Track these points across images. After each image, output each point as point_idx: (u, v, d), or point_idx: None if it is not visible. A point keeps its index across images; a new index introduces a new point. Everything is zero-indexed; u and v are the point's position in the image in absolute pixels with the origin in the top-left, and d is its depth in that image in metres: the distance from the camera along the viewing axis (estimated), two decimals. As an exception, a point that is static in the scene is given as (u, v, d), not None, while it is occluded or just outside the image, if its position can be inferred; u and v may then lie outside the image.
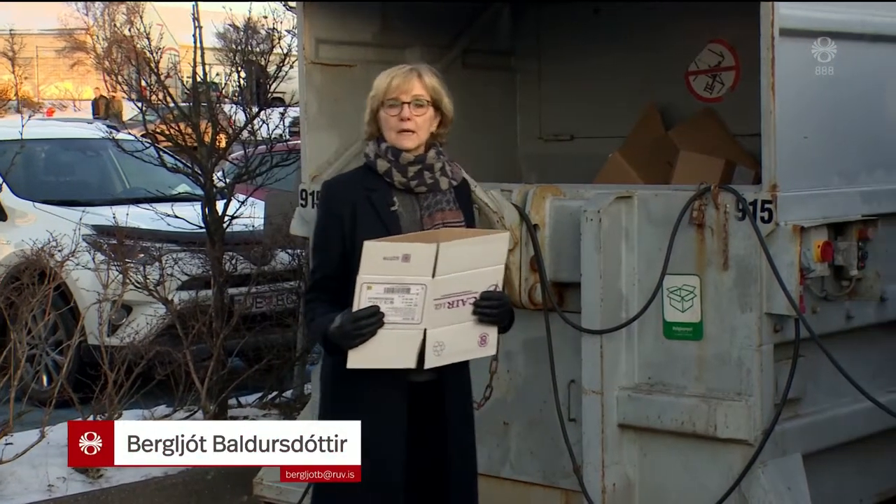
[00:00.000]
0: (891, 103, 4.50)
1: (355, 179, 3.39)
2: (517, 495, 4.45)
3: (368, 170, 3.37)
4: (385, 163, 3.33)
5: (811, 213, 4.00)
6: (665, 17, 5.49)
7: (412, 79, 3.34)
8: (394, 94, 3.31)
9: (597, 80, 5.79)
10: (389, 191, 3.33)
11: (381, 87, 3.35)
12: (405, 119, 3.31)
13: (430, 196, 3.35)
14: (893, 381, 4.52)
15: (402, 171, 3.33)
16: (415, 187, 3.33)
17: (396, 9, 5.34)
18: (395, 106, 3.32)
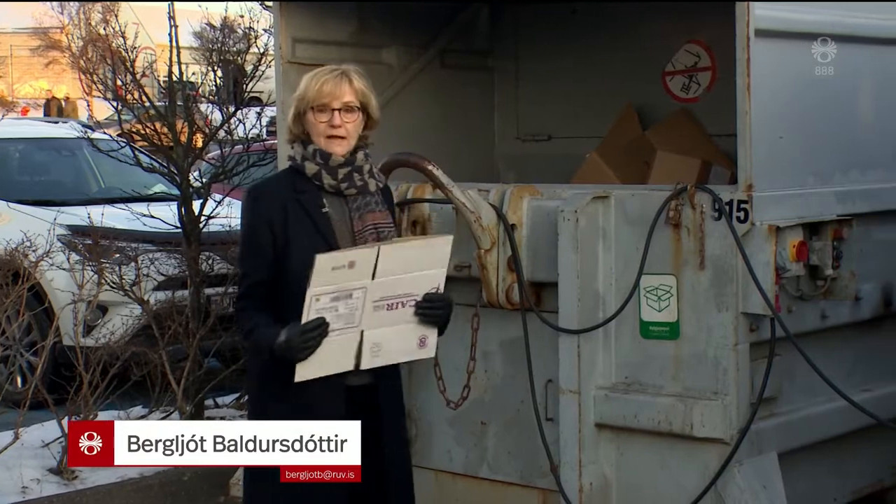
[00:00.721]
0: (864, 104, 4.54)
1: (282, 183, 3.36)
2: (495, 495, 4.45)
3: (295, 172, 3.34)
4: (314, 165, 3.31)
5: (786, 212, 4.03)
6: (642, 17, 5.52)
7: (343, 84, 3.30)
8: (324, 100, 3.28)
9: (574, 81, 5.81)
10: (318, 193, 3.31)
11: (311, 90, 3.30)
12: (336, 126, 3.29)
13: (359, 198, 3.34)
14: (868, 379, 4.56)
15: (332, 174, 3.30)
16: (345, 189, 3.32)
17: (373, 8, 5.34)
18: (324, 111, 3.29)
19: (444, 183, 4.21)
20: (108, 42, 6.96)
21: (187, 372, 6.08)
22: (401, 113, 5.48)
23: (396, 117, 5.45)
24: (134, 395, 6.26)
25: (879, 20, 4.47)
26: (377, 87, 5.36)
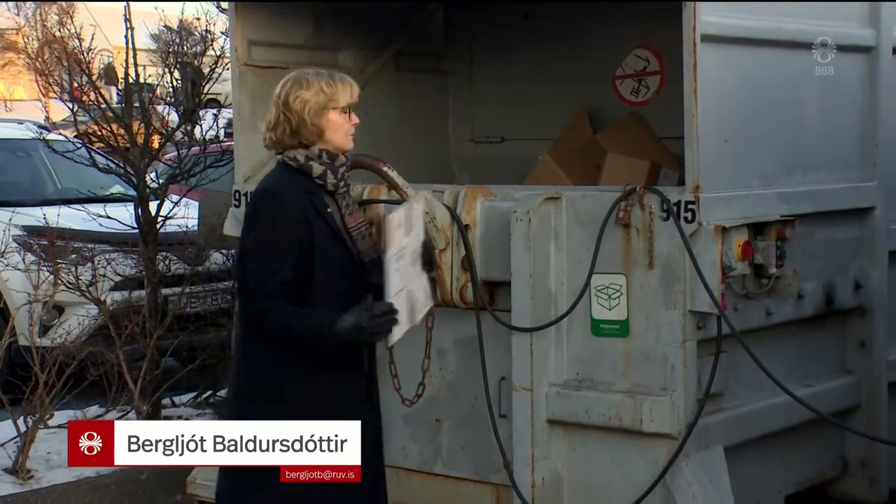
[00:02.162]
0: (807, 108, 4.61)
1: (294, 184, 3.39)
2: (449, 490, 4.47)
3: (298, 173, 3.40)
4: (320, 166, 3.38)
5: (732, 213, 4.08)
6: (593, 22, 5.57)
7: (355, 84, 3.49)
8: (354, 100, 3.46)
9: (527, 84, 5.84)
10: (321, 193, 3.40)
11: (344, 92, 3.43)
12: (355, 123, 3.47)
13: (346, 196, 3.47)
14: (811, 375, 4.63)
15: (335, 174, 3.41)
16: (340, 189, 3.43)
17: (329, 11, 5.34)
18: (346, 111, 3.44)
19: (399, 184, 4.22)
20: (65, 44, 6.90)
21: (144, 371, 6.05)
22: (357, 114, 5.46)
23: (352, 119, 5.45)
24: (90, 394, 6.21)
25: (820, 27, 4.55)
26: (333, 89, 5.42)
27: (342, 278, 3.37)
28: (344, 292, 3.34)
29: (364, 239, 3.44)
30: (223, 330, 6.83)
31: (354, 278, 3.39)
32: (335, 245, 3.37)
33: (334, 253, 3.36)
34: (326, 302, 3.32)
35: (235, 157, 5.09)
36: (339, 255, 3.38)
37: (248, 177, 5.01)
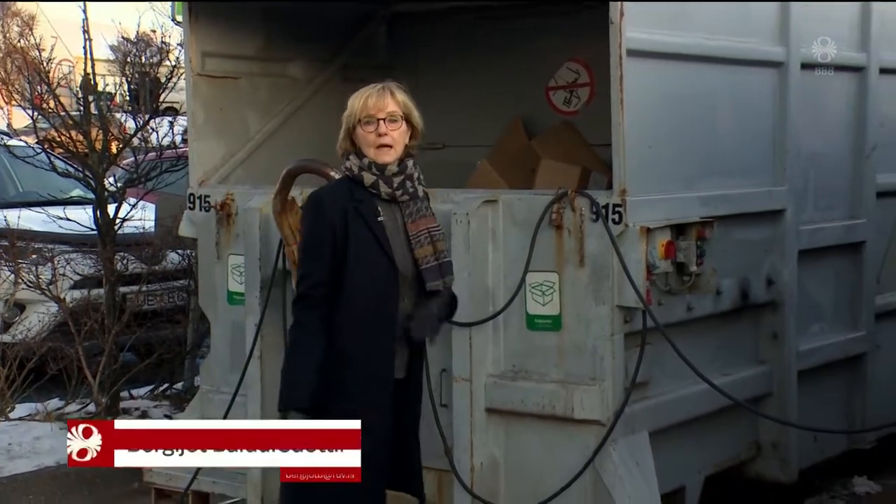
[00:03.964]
0: (724, 117, 4.67)
1: (342, 191, 3.36)
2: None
3: (352, 182, 3.36)
4: (371, 176, 3.34)
5: (656, 215, 4.12)
6: (527, 38, 5.60)
7: (385, 96, 3.36)
8: (370, 112, 3.33)
9: (467, 94, 5.86)
10: (374, 201, 3.34)
11: (357, 105, 3.35)
12: (382, 134, 3.33)
13: (410, 204, 3.38)
14: (728, 364, 4.68)
15: (387, 183, 3.35)
16: (399, 197, 3.36)
17: (278, 25, 5.31)
18: (371, 123, 3.33)
19: (346, 187, 4.20)
20: (26, 54, 6.80)
21: (103, 366, 5.99)
22: (306, 122, 5.46)
23: (302, 127, 5.43)
24: (51, 388, 6.12)
25: (736, 43, 4.61)
26: (283, 98, 5.41)
27: (374, 284, 3.31)
28: (374, 297, 3.30)
29: (423, 246, 3.36)
30: (179, 326, 6.78)
31: (389, 284, 3.33)
32: (373, 251, 3.30)
33: (370, 259, 3.30)
34: (353, 305, 3.28)
35: (190, 162, 5.05)
36: (375, 262, 3.31)
37: (202, 181, 4.97)
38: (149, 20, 8.70)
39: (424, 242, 3.36)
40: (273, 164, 4.73)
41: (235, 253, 4.72)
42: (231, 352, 4.79)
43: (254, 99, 5.26)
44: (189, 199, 4.94)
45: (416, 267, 3.36)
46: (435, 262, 3.37)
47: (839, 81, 5.21)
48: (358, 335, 3.32)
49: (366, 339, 3.32)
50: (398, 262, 3.34)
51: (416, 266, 3.36)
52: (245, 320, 4.58)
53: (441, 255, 3.39)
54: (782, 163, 4.86)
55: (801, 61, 4.88)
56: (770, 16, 4.77)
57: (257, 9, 5.18)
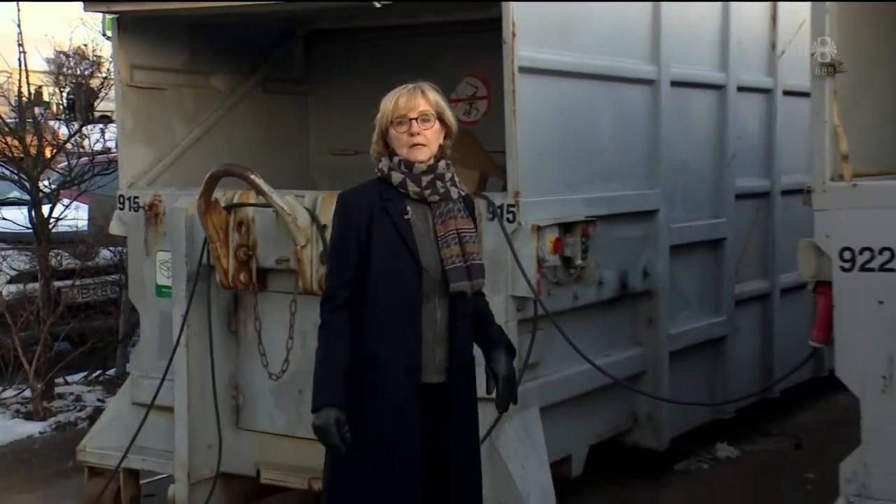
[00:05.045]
0: (604, 128, 4.74)
1: (371, 191, 3.04)
2: (311, 451, 4.38)
3: (382, 182, 3.03)
4: (399, 174, 3.00)
5: (546, 214, 4.15)
6: (431, 55, 5.59)
7: (416, 96, 3.03)
8: (402, 112, 3.00)
9: (378, 104, 5.81)
10: (403, 201, 3.00)
11: (388, 107, 3.03)
12: (415, 133, 2.99)
13: (442, 205, 3.03)
14: (609, 347, 4.75)
15: (415, 182, 3.00)
16: (428, 196, 3.01)
17: (202, 40, 5.21)
18: (403, 123, 3.00)
19: (265, 190, 4.15)
20: (-38, 65, 6.57)
21: (38, 354, 5.82)
22: (229, 130, 5.37)
23: (225, 134, 5.34)
24: (-11, 376, 5.93)
25: (614, 62, 4.68)
26: (207, 108, 5.31)
27: (397, 282, 2.96)
28: (396, 296, 2.96)
29: (449, 246, 2.99)
30: (111, 317, 6.65)
31: (412, 282, 2.96)
32: (397, 249, 2.96)
33: (393, 255, 2.96)
34: (376, 303, 2.95)
35: (120, 166, 4.93)
36: (399, 260, 2.96)
37: (131, 183, 4.86)
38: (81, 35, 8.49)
39: (451, 243, 2.99)
40: (198, 169, 4.64)
41: (163, 249, 4.63)
42: (159, 340, 4.70)
43: (180, 108, 5.15)
44: (119, 200, 4.83)
45: (443, 268, 2.99)
46: (462, 263, 2.99)
47: (703, 98, 5.34)
48: (381, 334, 2.96)
49: (390, 339, 2.96)
50: (424, 261, 2.97)
51: (443, 267, 2.99)
52: (172, 311, 4.49)
53: (470, 258, 3.01)
54: (655, 169, 4.95)
55: (670, 79, 4.98)
56: (643, 38, 4.86)
57: (182, 25, 5.08)
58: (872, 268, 3.13)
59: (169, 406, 4.46)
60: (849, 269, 3.16)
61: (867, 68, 3.48)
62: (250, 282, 4.35)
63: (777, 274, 5.88)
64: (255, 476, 4.44)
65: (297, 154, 5.91)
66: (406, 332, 2.96)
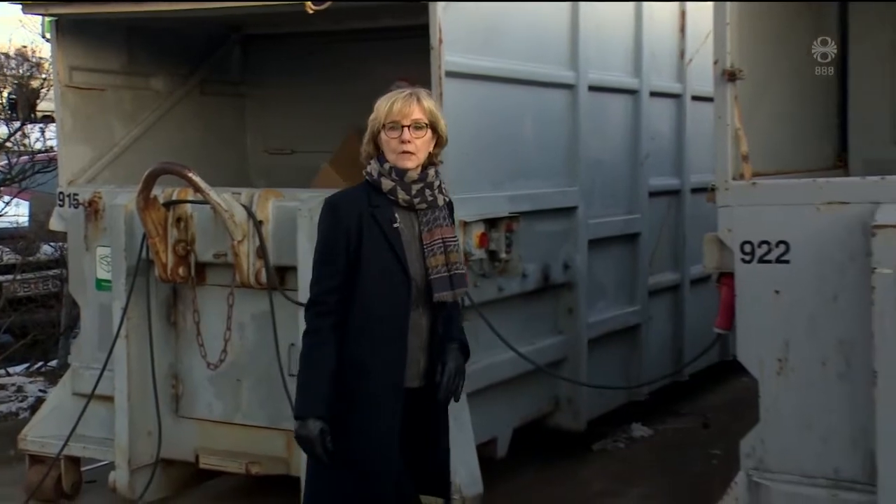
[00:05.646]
0: (527, 130, 4.79)
1: (359, 196, 2.89)
2: (249, 437, 4.39)
3: (370, 187, 2.89)
4: (390, 182, 2.86)
5: (472, 211, 4.18)
6: (363, 59, 5.59)
7: (412, 103, 2.89)
8: (395, 118, 2.86)
9: (312, 106, 5.80)
10: (391, 208, 2.87)
11: (383, 110, 2.88)
12: (406, 141, 2.85)
13: (428, 213, 2.91)
14: (533, 335, 4.80)
15: (406, 190, 2.87)
16: (417, 204, 2.88)
17: (141, 42, 5.13)
18: (395, 129, 2.86)
19: (203, 187, 4.10)
20: None
21: (-20, 346, 5.65)
22: (168, 130, 5.30)
23: (165, 134, 5.27)
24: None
25: (536, 67, 4.73)
26: (146, 108, 5.22)
27: (385, 290, 2.83)
28: (385, 304, 2.83)
29: (435, 256, 2.87)
30: (52, 310, 6.50)
31: (400, 292, 2.84)
32: (385, 257, 2.83)
33: (382, 265, 2.82)
34: (364, 311, 2.81)
35: (59, 164, 4.83)
36: (387, 268, 2.83)
37: (70, 181, 4.77)
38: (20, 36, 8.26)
39: (437, 252, 2.88)
40: (137, 167, 4.57)
41: (103, 245, 4.55)
42: (99, 332, 4.62)
43: (119, 108, 5.07)
44: (59, 197, 4.73)
45: (427, 276, 2.87)
46: (446, 272, 2.88)
47: (618, 102, 5.43)
48: (368, 343, 2.82)
49: (376, 347, 2.83)
50: (411, 270, 2.85)
51: (427, 275, 2.87)
52: (112, 304, 4.42)
53: (453, 267, 2.89)
54: (574, 168, 5.01)
55: (588, 84, 5.05)
56: (563, 45, 4.92)
57: (121, 28, 4.99)
58: (770, 259, 3.21)
59: (109, 396, 4.40)
60: (749, 261, 3.24)
61: (765, 76, 3.58)
62: (189, 275, 4.31)
63: (687, 266, 6.01)
64: (194, 461, 4.40)
65: (235, 153, 5.85)
66: (395, 341, 2.84)
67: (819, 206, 3.11)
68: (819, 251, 3.11)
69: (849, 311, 3.03)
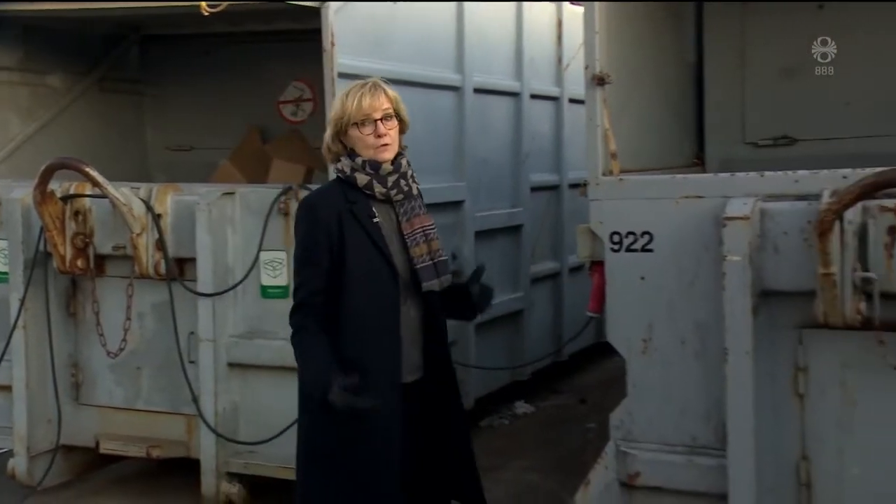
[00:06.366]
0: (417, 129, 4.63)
1: (334, 194, 2.70)
2: (149, 422, 4.31)
3: (345, 184, 2.70)
4: (365, 176, 2.68)
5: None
6: (261, 60, 5.52)
7: (379, 95, 2.71)
8: (366, 113, 2.67)
9: (211, 105, 5.69)
10: (368, 202, 2.69)
11: (350, 107, 2.68)
12: (382, 135, 2.68)
13: (405, 203, 2.74)
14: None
15: (382, 182, 2.69)
16: (394, 196, 2.71)
17: (37, 40, 4.93)
18: (367, 124, 2.68)
19: (100, 181, 4.00)
20: None
21: None
22: (66, 126, 5.12)
23: (63, 130, 5.10)
24: None
25: (425, 70, 4.76)
26: (43, 105, 5.02)
27: (373, 286, 2.66)
28: (373, 300, 2.65)
29: (418, 245, 2.71)
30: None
31: (388, 285, 2.67)
32: (370, 253, 2.65)
33: (367, 259, 2.64)
34: (353, 309, 2.63)
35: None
36: (372, 263, 2.65)
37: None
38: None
39: (420, 241, 2.71)
40: (35, 162, 4.40)
41: (0, 238, 4.36)
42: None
43: (14, 104, 4.86)
44: (-43, 191, 4.50)
45: (412, 267, 2.71)
46: (430, 261, 2.72)
47: (502, 103, 5.51)
48: (361, 341, 2.64)
49: (369, 345, 2.64)
50: (396, 263, 2.69)
51: (411, 266, 2.71)
52: (10, 296, 4.25)
53: (436, 255, 2.74)
54: (462, 165, 5.08)
55: (473, 87, 5.12)
56: (449, 50, 4.97)
57: (16, 25, 4.78)
58: (636, 249, 3.30)
59: (7, 385, 4.23)
60: (617, 250, 3.32)
61: (632, 80, 3.69)
62: (88, 267, 4.19)
63: (566, 255, 6.16)
64: (94, 447, 4.28)
65: (135, 150, 5.70)
66: (386, 336, 2.66)
67: (678, 200, 3.22)
68: (678, 241, 3.21)
69: (704, 296, 3.14)
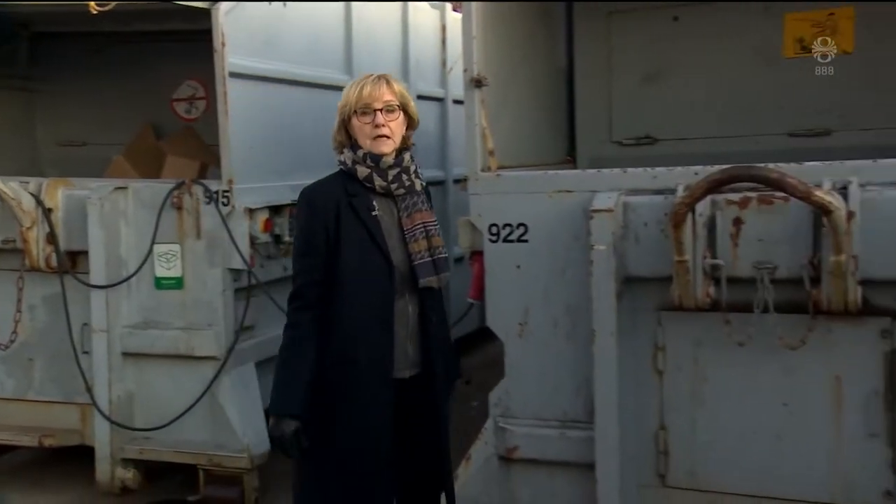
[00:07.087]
0: (307, 126, 4.77)
1: (335, 186, 2.60)
2: (42, 412, 4.15)
3: (346, 176, 2.61)
4: (365, 168, 2.58)
5: (257, 199, 4.15)
6: (155, 59, 5.37)
7: (381, 86, 2.60)
8: (366, 102, 2.58)
9: (105, 102, 5.49)
10: (369, 195, 2.59)
11: (352, 96, 2.59)
12: (380, 125, 2.58)
13: (407, 198, 2.63)
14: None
15: (382, 176, 2.59)
16: (395, 190, 2.61)
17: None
18: (367, 113, 2.58)
19: (-10, 175, 3.78)
20: None
21: None
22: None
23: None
24: None
25: (313, 71, 4.73)
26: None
27: (368, 279, 2.55)
28: (368, 293, 2.55)
29: (417, 241, 2.60)
30: None
31: (383, 280, 2.56)
32: (366, 246, 2.55)
33: (363, 254, 2.54)
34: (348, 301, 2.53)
35: None
36: (369, 256, 2.55)
37: None
38: None
39: (419, 237, 2.61)
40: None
41: None
42: None
43: None
44: None
45: (410, 262, 2.60)
46: (429, 257, 2.61)
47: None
48: (354, 333, 2.54)
49: (362, 338, 2.54)
50: (393, 257, 2.58)
51: (410, 262, 2.60)
52: None
53: (436, 251, 2.63)
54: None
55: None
56: (338, 52, 4.94)
57: None
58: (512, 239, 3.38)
59: None
60: (495, 240, 3.39)
61: (508, 82, 3.77)
62: (-23, 261, 3.96)
63: (451, 246, 6.21)
64: (-15, 440, 4.07)
65: (25, 145, 5.44)
66: (379, 331, 2.56)
67: (551, 194, 3.31)
68: (551, 232, 3.31)
69: (574, 282, 3.25)
